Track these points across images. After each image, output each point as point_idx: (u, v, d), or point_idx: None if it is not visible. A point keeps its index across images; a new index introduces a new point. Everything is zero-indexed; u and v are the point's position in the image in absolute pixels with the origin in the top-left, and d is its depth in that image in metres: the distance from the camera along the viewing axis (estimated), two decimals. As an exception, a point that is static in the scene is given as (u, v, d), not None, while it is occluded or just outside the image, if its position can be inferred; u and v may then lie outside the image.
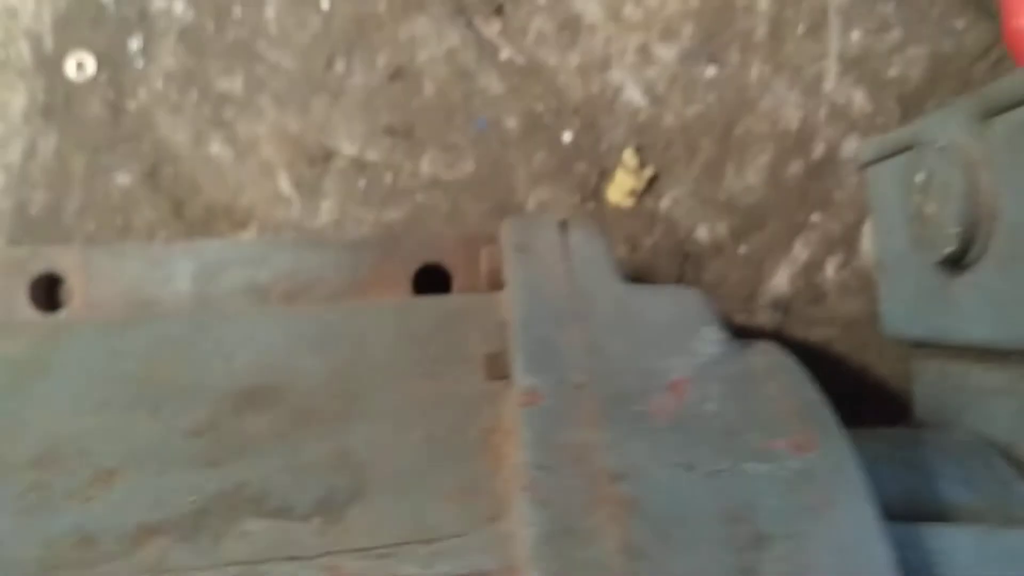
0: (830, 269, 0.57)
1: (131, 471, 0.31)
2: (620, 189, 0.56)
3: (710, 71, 0.56)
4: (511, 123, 0.57)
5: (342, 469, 0.31)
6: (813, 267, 0.57)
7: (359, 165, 0.57)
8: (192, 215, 0.58)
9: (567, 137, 0.57)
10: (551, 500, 0.26)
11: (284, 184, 0.57)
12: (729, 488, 0.26)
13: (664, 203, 0.57)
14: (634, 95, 0.57)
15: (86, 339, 0.39)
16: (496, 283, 0.46)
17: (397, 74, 0.57)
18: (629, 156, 0.56)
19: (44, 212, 0.58)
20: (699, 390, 0.30)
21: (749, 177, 0.57)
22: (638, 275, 0.56)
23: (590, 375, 0.31)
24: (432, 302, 0.43)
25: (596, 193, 0.57)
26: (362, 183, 0.57)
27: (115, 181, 0.58)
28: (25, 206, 0.58)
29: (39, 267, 0.52)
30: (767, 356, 0.32)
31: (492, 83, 0.57)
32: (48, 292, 0.53)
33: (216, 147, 0.57)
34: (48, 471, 0.31)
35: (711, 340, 0.32)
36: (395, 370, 0.35)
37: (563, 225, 0.41)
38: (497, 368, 0.33)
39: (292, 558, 0.27)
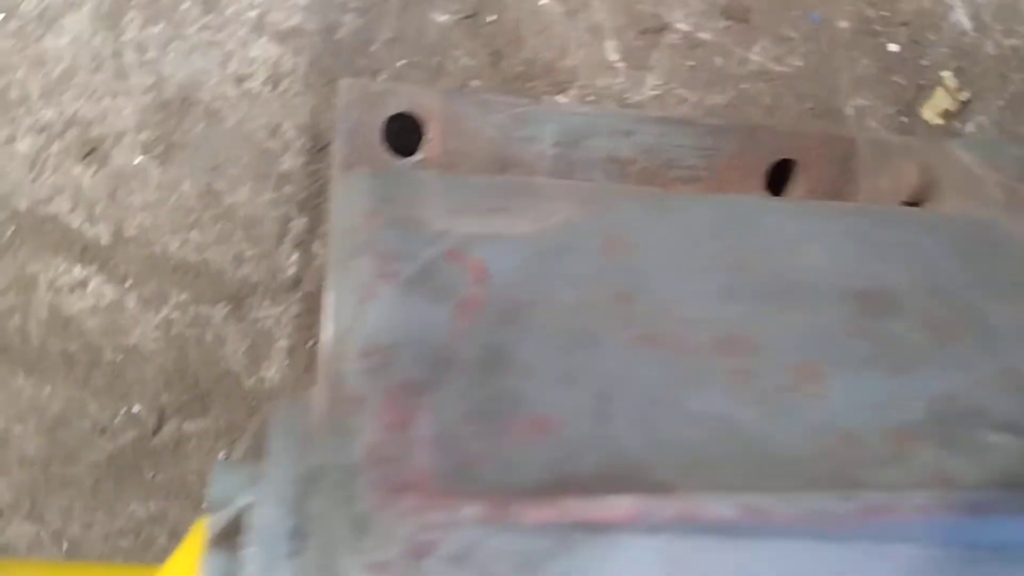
0: (1105, 213, 0.60)
1: (831, 369, 0.30)
2: (935, 108, 0.57)
3: (1033, 6, 0.58)
4: (843, 24, 0.56)
5: None
6: (1091, 209, 0.60)
7: (691, 43, 0.55)
8: (510, 69, 0.54)
9: (893, 47, 0.57)
10: None
11: (611, 51, 0.55)
12: None
13: (969, 127, 0.58)
14: (962, 18, 0.57)
15: (639, 212, 0.37)
16: (923, 197, 0.47)
17: (742, -45, 0.55)
18: (949, 77, 0.57)
19: (352, 38, 0.52)
20: None
21: (1049, 114, 0.59)
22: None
23: None
24: (937, 215, 0.43)
25: (911, 107, 0.58)
26: (691, 62, 0.55)
27: (432, 18, 0.53)
28: (333, 29, 0.52)
29: (398, 106, 0.48)
30: None
31: (830, -19, 0.56)
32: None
33: (546, 0, 0.54)
34: (741, 360, 0.30)
35: None
36: (977, 287, 0.35)
37: None
38: None
39: None
